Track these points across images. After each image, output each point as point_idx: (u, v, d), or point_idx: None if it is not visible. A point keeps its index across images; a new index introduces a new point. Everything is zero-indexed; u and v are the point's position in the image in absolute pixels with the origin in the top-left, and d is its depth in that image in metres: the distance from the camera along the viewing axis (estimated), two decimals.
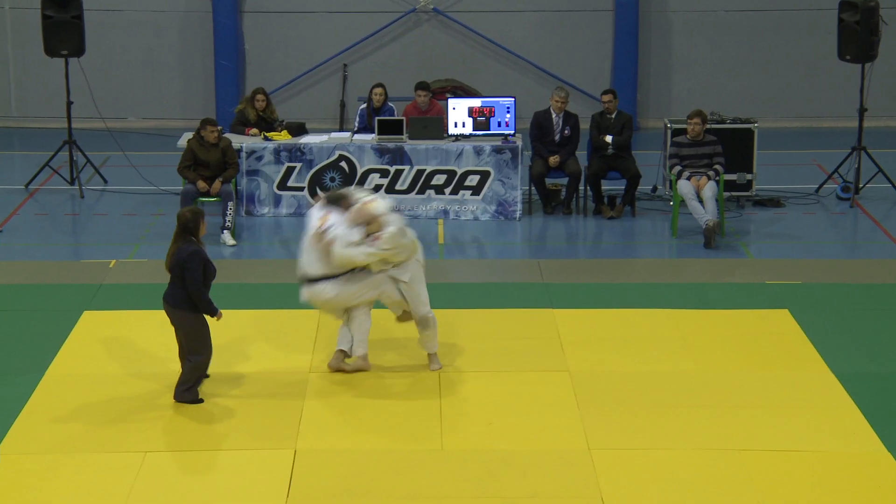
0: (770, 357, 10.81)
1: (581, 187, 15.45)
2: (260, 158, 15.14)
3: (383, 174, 15.16)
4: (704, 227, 14.15)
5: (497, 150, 15.13)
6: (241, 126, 15.59)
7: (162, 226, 14.72)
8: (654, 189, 16.22)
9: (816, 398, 10.00)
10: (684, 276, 13.09)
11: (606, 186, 15.53)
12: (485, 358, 10.72)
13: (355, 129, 16.06)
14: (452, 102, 15.52)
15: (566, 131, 15.37)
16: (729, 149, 15.04)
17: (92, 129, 18.25)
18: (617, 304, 12.06)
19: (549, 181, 15.53)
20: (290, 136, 15.40)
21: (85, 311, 11.62)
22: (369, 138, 15.32)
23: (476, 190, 15.19)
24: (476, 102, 15.54)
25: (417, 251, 10.47)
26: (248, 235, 14.55)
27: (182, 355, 9.86)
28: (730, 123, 15.68)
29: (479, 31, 19.98)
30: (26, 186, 16.26)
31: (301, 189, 15.16)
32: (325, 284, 10.13)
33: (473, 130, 15.36)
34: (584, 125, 15.72)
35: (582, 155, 15.67)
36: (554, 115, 15.37)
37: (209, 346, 9.79)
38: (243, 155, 15.03)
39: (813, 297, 12.27)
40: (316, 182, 15.14)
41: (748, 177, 15.65)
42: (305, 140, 15.34)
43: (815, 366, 10.60)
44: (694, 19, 20.05)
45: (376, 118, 15.43)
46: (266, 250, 14.19)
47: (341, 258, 10.02)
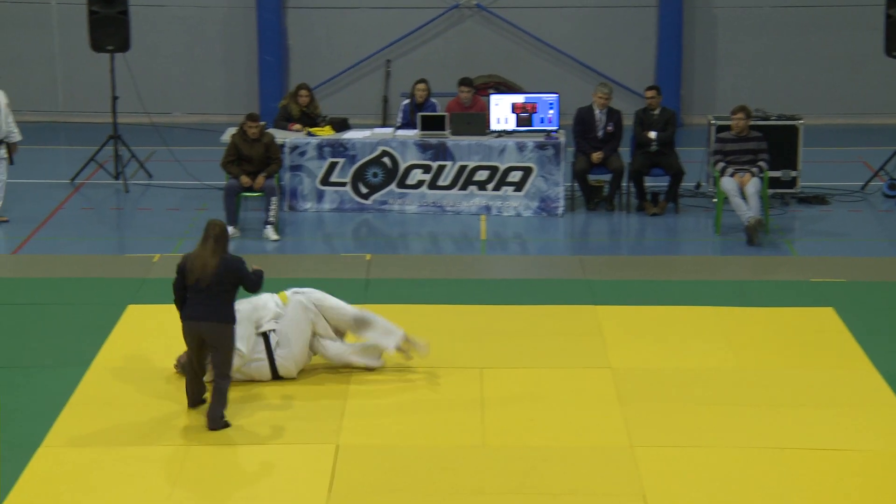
0: (814, 355, 10.75)
1: (624, 184, 15.40)
2: (303, 154, 15.18)
3: (426, 170, 15.17)
4: (748, 224, 14.08)
5: (540, 147, 15.11)
6: (284, 121, 15.63)
7: (206, 221, 14.70)
8: (698, 186, 16.14)
9: (861, 397, 9.93)
10: (727, 274, 13.03)
11: (649, 183, 15.47)
12: (526, 354, 10.72)
13: (398, 124, 16.08)
14: (495, 98, 15.50)
15: (609, 127, 15.33)
16: (774, 145, 14.95)
17: (137, 123, 18.36)
18: (659, 301, 12.02)
19: (591, 177, 15.48)
20: (333, 132, 15.44)
21: (129, 305, 11.69)
22: (412, 134, 15.33)
23: (518, 186, 15.17)
24: (519, 98, 15.52)
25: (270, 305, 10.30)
26: (290, 231, 14.59)
27: (196, 379, 9.52)
28: (775, 120, 15.58)
29: (523, 26, 19.94)
30: (72, 181, 16.38)
31: (344, 184, 15.19)
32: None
33: (516, 126, 15.34)
34: (628, 121, 15.67)
35: (625, 151, 15.62)
36: (597, 112, 15.33)
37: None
38: (286, 150, 15.07)
39: (858, 295, 12.19)
40: (359, 177, 15.17)
41: (793, 174, 15.55)
42: (348, 135, 15.37)
43: (861, 364, 10.53)
44: (739, 15, 19.93)
45: (419, 114, 15.45)
46: (309, 245, 14.23)
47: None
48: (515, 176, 15.14)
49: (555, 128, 15.33)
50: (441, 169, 15.16)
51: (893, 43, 15.47)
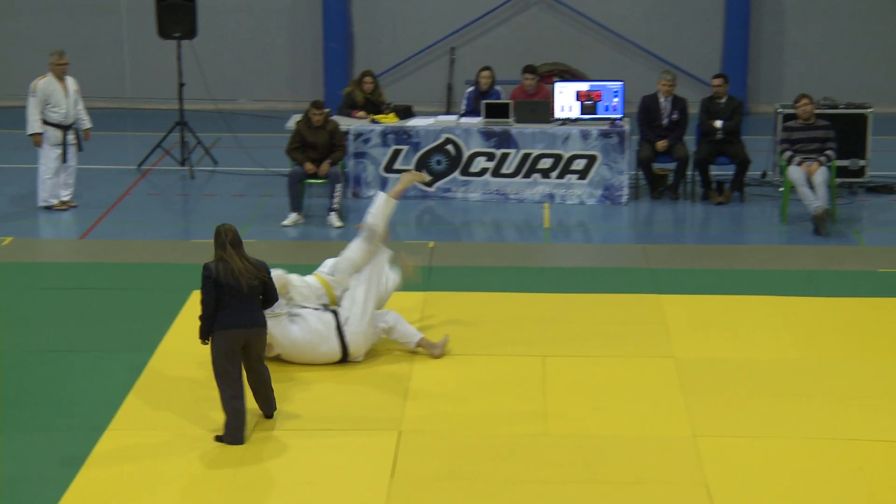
0: (881, 346, 10.62)
1: (689, 172, 15.31)
2: (367, 141, 15.22)
3: (489, 157, 15.16)
4: (815, 213, 13.95)
5: (604, 134, 15.05)
6: (348, 108, 15.68)
7: (270, 207, 14.88)
8: (764, 174, 16.02)
9: None
10: (793, 263, 12.91)
11: (715, 171, 15.37)
12: (590, 343, 10.68)
13: (462, 112, 16.07)
14: (560, 86, 15.45)
15: (674, 115, 15.24)
16: (841, 134, 14.81)
17: (203, 110, 18.50)
18: (724, 291, 11.93)
19: (656, 166, 15.41)
20: (397, 119, 15.46)
21: (194, 291, 11.76)
22: (476, 121, 15.32)
23: (582, 174, 15.12)
24: (584, 86, 15.46)
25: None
26: (354, 218, 14.62)
27: (258, 377, 9.17)
28: (843, 108, 15.42)
29: (588, 14, 19.86)
30: (139, 167, 16.53)
31: (408, 171, 15.20)
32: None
33: (581, 114, 15.28)
34: (694, 109, 15.57)
35: (690, 140, 15.52)
36: (662, 99, 15.24)
37: None
38: (350, 137, 15.12)
39: None
40: (423, 165, 15.19)
41: (861, 163, 15.38)
42: (412, 123, 15.39)
43: None
44: (807, 2, 19.74)
45: (483, 101, 15.43)
46: None
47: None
48: (579, 164, 15.10)
49: (619, 116, 15.26)
50: (505, 157, 15.14)
51: None
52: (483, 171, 15.18)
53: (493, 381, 9.96)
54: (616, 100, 15.26)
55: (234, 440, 8.90)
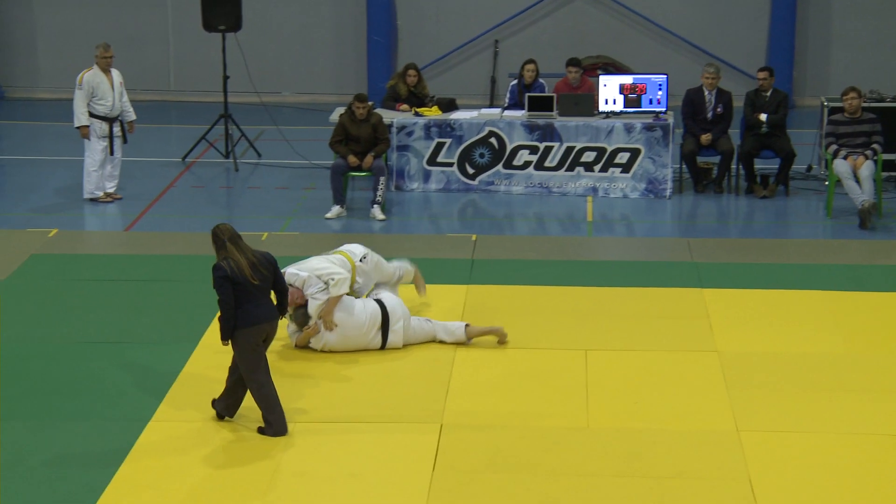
0: None
1: (733, 166, 15.23)
2: (410, 134, 15.23)
3: (532, 151, 15.14)
4: (860, 207, 13.85)
5: (648, 128, 14.99)
6: (392, 101, 15.69)
7: (313, 200, 14.92)
8: (809, 168, 15.91)
9: None
10: (839, 258, 12.82)
11: (760, 165, 15.29)
12: (632, 336, 10.66)
13: (505, 105, 16.05)
14: (604, 79, 15.40)
15: (719, 109, 15.16)
16: (888, 128, 14.69)
17: (247, 103, 18.57)
18: (768, 285, 11.87)
19: (700, 159, 15.34)
20: (440, 112, 15.46)
21: None
22: (519, 114, 15.30)
23: (626, 167, 15.07)
24: (627, 79, 15.40)
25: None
26: (397, 210, 14.66)
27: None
28: (890, 101, 15.29)
29: (632, 6, 19.78)
30: (183, 159, 16.61)
31: (451, 164, 15.22)
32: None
33: (624, 107, 15.23)
34: (738, 103, 15.48)
35: (735, 133, 15.44)
36: (706, 93, 15.16)
37: None
38: (394, 130, 15.13)
39: None
40: (465, 158, 15.18)
41: None
42: (455, 116, 15.38)
43: None
44: None
45: (527, 94, 15.40)
46: (415, 225, 14.28)
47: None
48: (623, 157, 15.05)
49: (663, 109, 15.20)
50: (548, 150, 15.11)
51: None
52: (526, 165, 15.16)
53: (536, 375, 9.95)
54: (660, 93, 15.19)
55: (278, 431, 8.92)
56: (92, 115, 14.59)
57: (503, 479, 8.34)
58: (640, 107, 15.21)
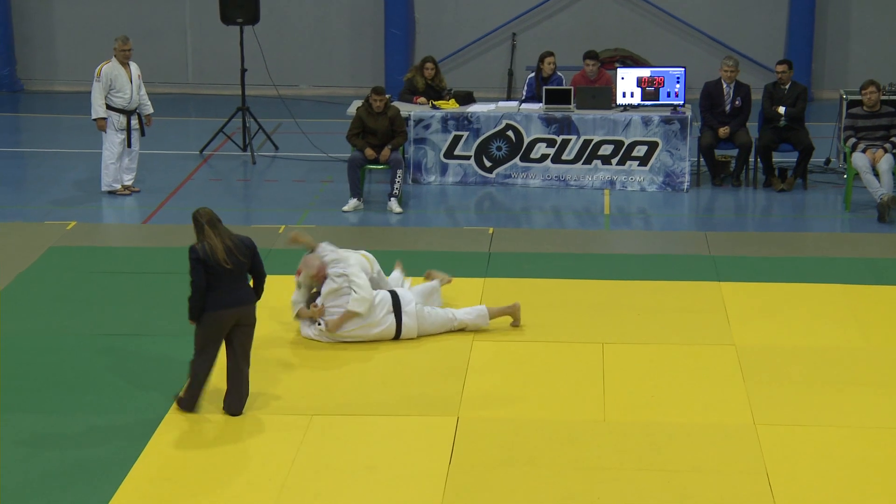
0: None
1: (751, 159, 15.19)
2: (427, 127, 15.23)
3: (550, 144, 15.12)
4: (879, 201, 13.81)
5: (666, 121, 14.96)
6: (409, 94, 15.69)
7: (330, 193, 14.94)
8: (828, 161, 15.87)
9: None
10: (857, 251, 12.78)
11: (778, 158, 15.25)
12: (649, 330, 10.64)
13: (523, 98, 16.04)
14: (621, 72, 15.37)
15: (737, 102, 15.12)
16: None
17: (264, 96, 18.60)
18: (786, 279, 11.84)
19: (718, 152, 15.30)
20: (457, 105, 15.46)
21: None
22: (537, 107, 15.28)
23: (643, 160, 15.04)
24: (645, 72, 15.37)
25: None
26: (414, 203, 14.66)
27: (205, 379, 9.07)
28: None
29: None
30: (201, 152, 16.64)
31: (468, 157, 15.22)
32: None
33: (642, 100, 15.20)
34: (757, 96, 15.44)
35: (753, 126, 15.40)
36: (725, 86, 15.13)
37: None
38: (411, 123, 15.13)
39: None
40: (483, 151, 15.18)
41: None
42: (473, 109, 15.37)
43: None
44: None
45: (544, 87, 15.39)
46: (432, 218, 14.29)
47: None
48: (640, 150, 15.02)
49: (681, 102, 15.17)
50: (565, 143, 15.10)
51: None
52: (543, 158, 15.15)
53: (552, 368, 9.95)
54: (678, 86, 15.16)
55: (186, 406, 9.06)
56: (110, 107, 14.62)
57: (519, 473, 8.34)
58: (658, 100, 15.18)
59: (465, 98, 15.64)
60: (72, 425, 8.99)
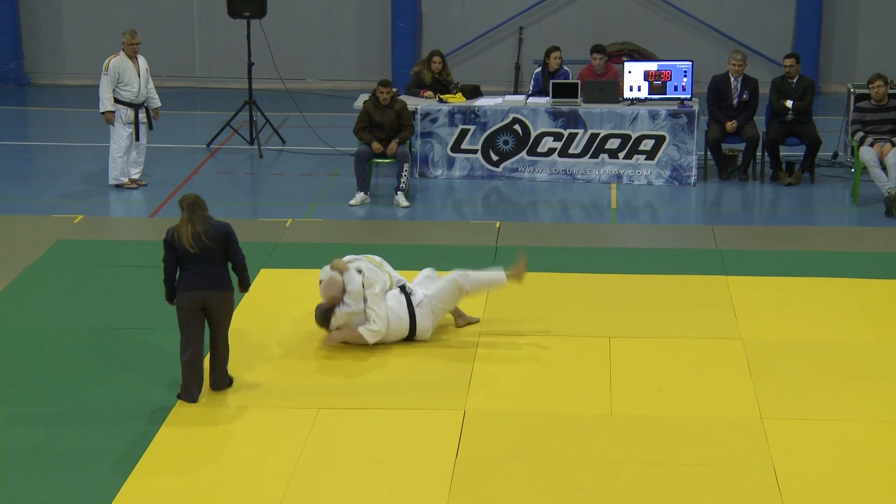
0: None
1: (759, 153, 15.17)
2: (434, 121, 15.22)
3: (557, 137, 15.11)
4: (887, 195, 13.79)
5: (673, 115, 14.95)
6: (416, 88, 15.69)
7: (337, 186, 14.94)
8: (835, 155, 15.84)
9: None
10: (864, 245, 12.77)
11: (785, 152, 15.23)
12: (656, 324, 10.64)
13: (530, 91, 16.03)
14: (628, 66, 15.36)
15: (744, 96, 15.10)
16: None
17: (271, 89, 18.59)
18: (793, 272, 11.83)
19: (725, 146, 15.28)
20: (464, 99, 15.45)
21: (262, 269, 11.86)
22: (544, 101, 15.27)
23: (650, 154, 15.03)
24: (652, 66, 15.36)
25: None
26: (421, 197, 14.66)
27: (197, 360, 9.18)
28: None
29: None
30: (208, 146, 16.65)
31: (475, 151, 15.21)
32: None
33: (649, 94, 15.19)
34: (764, 89, 15.42)
35: (760, 120, 15.38)
36: (732, 79, 15.11)
37: None
38: (418, 117, 15.13)
39: None
40: (490, 145, 15.17)
41: None
42: (480, 102, 15.37)
43: None
44: None
45: (551, 81, 15.37)
46: (439, 212, 14.29)
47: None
48: (647, 144, 15.01)
49: (688, 96, 15.15)
50: (572, 137, 15.09)
51: None
52: (550, 152, 15.14)
53: (559, 362, 9.95)
54: (685, 80, 15.15)
55: (187, 397, 9.14)
56: (117, 101, 14.62)
57: (526, 466, 8.34)
58: (665, 94, 15.17)
59: (472, 92, 15.63)
60: (79, 418, 9.00)
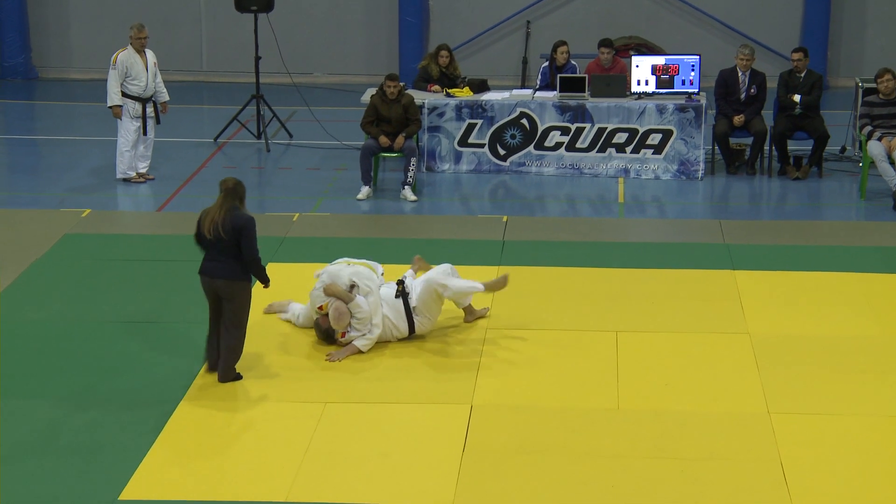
0: None
1: (766, 147, 15.16)
2: (441, 115, 15.22)
3: (564, 132, 15.10)
4: (895, 189, 13.76)
5: (680, 109, 14.93)
6: (423, 82, 15.68)
7: (345, 181, 14.94)
8: (843, 150, 15.82)
9: None
10: (872, 240, 12.75)
11: (793, 146, 15.20)
12: (663, 318, 10.63)
13: (537, 86, 16.01)
14: (636, 60, 15.34)
15: (752, 90, 15.08)
16: None
17: (279, 83, 18.60)
18: (800, 267, 11.82)
19: (733, 140, 15.27)
20: (471, 93, 15.44)
21: (269, 263, 11.85)
22: (551, 95, 15.26)
23: (658, 149, 15.02)
24: (660, 60, 15.33)
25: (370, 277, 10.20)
26: (428, 191, 14.66)
27: (215, 333, 9.45)
28: None
29: None
30: (215, 140, 16.66)
31: (482, 146, 15.20)
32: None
33: (657, 88, 15.17)
34: (772, 84, 15.39)
35: (768, 114, 15.36)
36: (740, 74, 15.09)
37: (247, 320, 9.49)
38: (425, 111, 15.12)
39: None
40: (497, 139, 15.16)
41: None
42: (487, 97, 15.35)
43: None
44: None
45: (559, 75, 15.36)
46: (446, 206, 14.28)
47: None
48: (655, 138, 15.00)
49: (696, 90, 15.13)
50: (579, 131, 15.07)
51: None
52: (558, 146, 15.13)
53: (566, 356, 9.95)
54: (692, 74, 15.13)
55: (206, 364, 9.55)
56: (125, 95, 14.63)
57: (533, 460, 8.35)
58: (673, 88, 15.15)
59: (480, 86, 15.62)
60: (87, 411, 9.01)
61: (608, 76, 15.36)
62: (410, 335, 10.21)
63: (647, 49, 18.91)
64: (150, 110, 14.79)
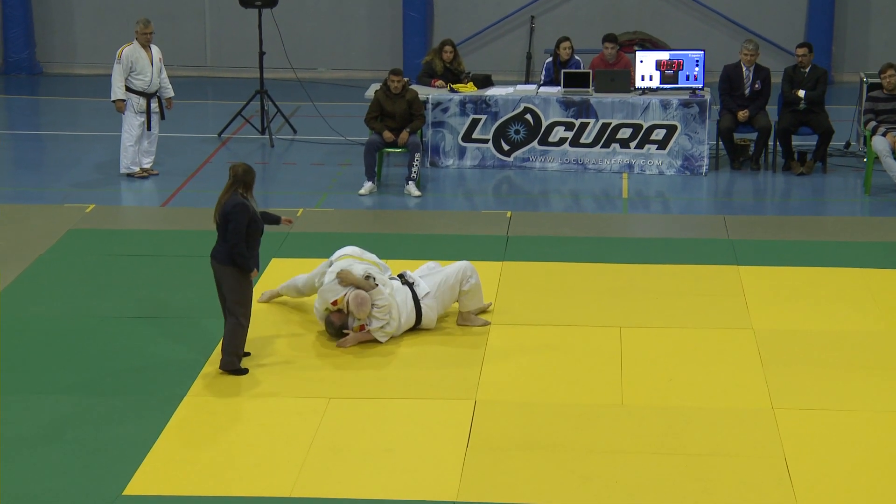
0: None
1: (770, 142, 15.14)
2: (445, 110, 15.21)
3: (568, 127, 15.10)
4: None
5: (684, 104, 14.92)
6: (427, 77, 15.67)
7: (349, 176, 14.94)
8: (847, 145, 15.80)
9: None
10: (877, 235, 12.74)
11: (797, 142, 15.19)
12: (667, 314, 10.63)
13: (541, 81, 16.01)
14: (640, 55, 15.33)
15: (757, 85, 15.06)
16: None
17: (283, 79, 18.59)
18: (805, 262, 11.81)
19: (737, 136, 15.26)
20: (475, 88, 15.43)
21: (273, 259, 11.88)
22: (555, 91, 15.25)
23: (662, 144, 15.01)
24: (664, 55, 15.32)
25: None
26: (432, 187, 14.66)
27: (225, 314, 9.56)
28: None
29: None
30: (219, 135, 16.66)
31: (486, 141, 15.20)
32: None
33: (661, 84, 15.16)
34: (777, 79, 15.38)
35: (772, 109, 15.34)
36: (744, 69, 15.07)
37: (249, 309, 9.50)
38: (429, 106, 15.12)
39: None
40: (501, 134, 15.16)
41: None
42: (491, 92, 15.35)
43: None
44: None
45: (563, 70, 15.35)
46: (450, 202, 14.28)
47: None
48: (659, 134, 14.99)
49: (700, 85, 15.12)
50: (584, 126, 15.07)
51: None
52: (562, 141, 15.12)
53: (570, 351, 9.95)
54: (697, 69, 15.11)
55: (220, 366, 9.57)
56: (130, 90, 14.63)
57: (537, 456, 8.35)
58: (677, 83, 15.14)
59: (484, 81, 15.62)
60: (91, 406, 9.02)
61: (612, 71, 15.35)
62: (416, 325, 10.21)
63: (652, 44, 18.90)
64: (154, 106, 14.79)
